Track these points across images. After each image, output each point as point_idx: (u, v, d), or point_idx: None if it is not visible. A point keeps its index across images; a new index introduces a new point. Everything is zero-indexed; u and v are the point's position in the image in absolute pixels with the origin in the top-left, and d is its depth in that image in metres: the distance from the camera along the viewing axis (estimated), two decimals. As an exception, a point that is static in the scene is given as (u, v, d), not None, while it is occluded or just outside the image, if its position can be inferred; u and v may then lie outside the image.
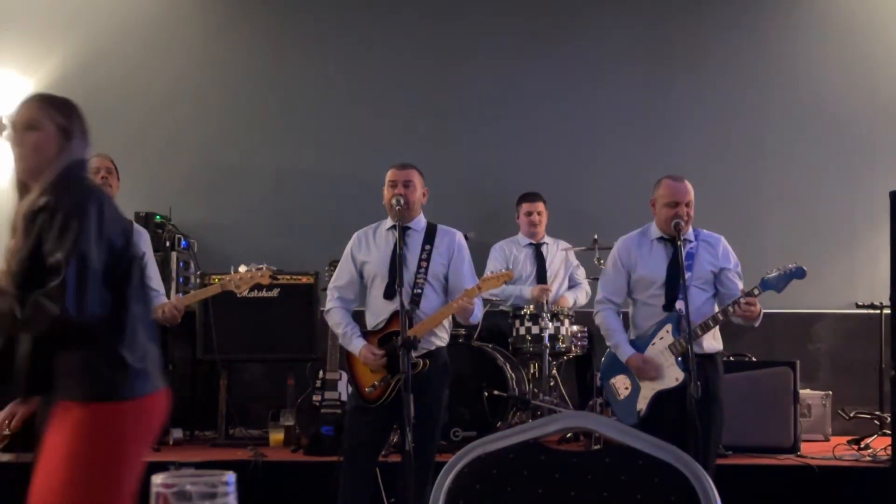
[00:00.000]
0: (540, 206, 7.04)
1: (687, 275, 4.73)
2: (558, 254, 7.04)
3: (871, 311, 7.31)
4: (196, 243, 7.54)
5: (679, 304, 4.74)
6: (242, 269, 5.21)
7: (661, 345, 4.80)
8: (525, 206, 7.04)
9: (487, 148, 8.00)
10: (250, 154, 8.08)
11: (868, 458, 6.05)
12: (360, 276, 4.92)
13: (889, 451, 5.90)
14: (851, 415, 6.83)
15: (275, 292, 6.74)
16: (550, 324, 6.39)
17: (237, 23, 8.24)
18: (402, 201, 4.78)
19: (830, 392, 6.94)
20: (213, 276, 6.76)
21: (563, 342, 6.44)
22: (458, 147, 8.02)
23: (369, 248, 4.90)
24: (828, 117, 8.01)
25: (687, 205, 4.85)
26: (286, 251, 7.65)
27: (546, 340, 6.35)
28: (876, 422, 6.77)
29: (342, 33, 8.16)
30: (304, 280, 6.87)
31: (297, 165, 8.09)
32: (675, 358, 4.74)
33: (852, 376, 7.45)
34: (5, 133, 2.98)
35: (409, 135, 8.03)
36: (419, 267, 4.80)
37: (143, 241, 5.34)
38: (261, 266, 5.22)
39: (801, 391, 6.54)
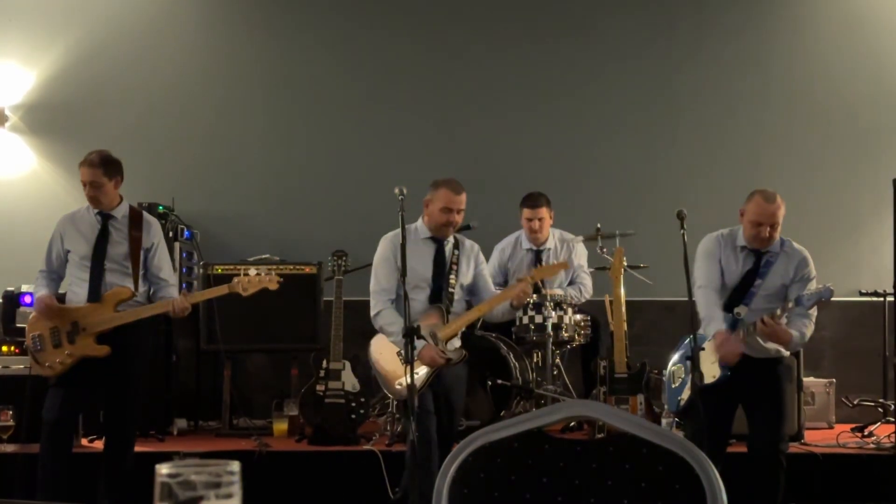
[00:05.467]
0: (542, 211, 6.81)
1: (757, 282, 4.96)
2: (562, 254, 6.94)
3: (875, 299, 7.30)
4: (199, 233, 7.54)
5: (738, 309, 4.92)
6: (252, 272, 5.30)
7: (714, 343, 4.96)
8: (526, 212, 6.85)
9: (490, 138, 7.99)
10: (253, 144, 8.08)
11: (872, 446, 6.06)
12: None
13: (893, 439, 5.92)
14: (855, 402, 6.83)
15: (278, 282, 6.74)
16: (553, 313, 6.38)
17: (240, 14, 8.22)
18: (453, 228, 5.15)
19: (834, 380, 6.95)
20: (217, 266, 6.78)
21: (566, 331, 6.43)
22: (461, 138, 8.00)
23: (412, 252, 4.99)
24: (832, 105, 7.99)
25: (772, 226, 4.94)
26: (289, 241, 7.66)
27: (549, 329, 6.35)
28: (880, 409, 6.77)
29: (346, 26, 8.14)
30: (308, 270, 6.88)
31: (301, 156, 8.08)
32: (718, 357, 4.90)
33: (856, 364, 7.44)
34: (7, 124, 2.88)
35: (411, 124, 8.03)
36: (450, 271, 5.15)
37: (154, 230, 5.34)
38: (270, 271, 5.31)
39: (805, 379, 6.54)
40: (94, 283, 5.12)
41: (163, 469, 1.14)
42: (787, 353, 5.05)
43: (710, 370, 4.93)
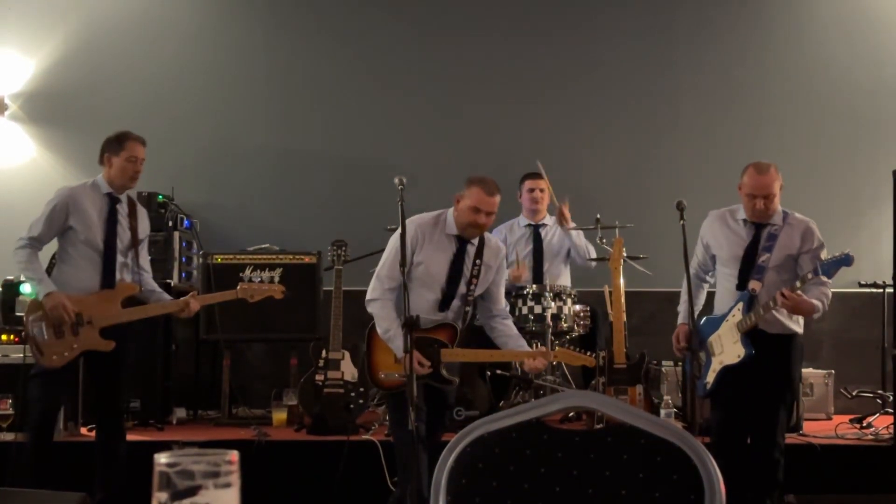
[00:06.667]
0: (542, 183, 6.96)
1: (765, 256, 4.93)
2: (557, 234, 6.99)
3: (874, 290, 7.30)
4: (198, 223, 7.54)
5: (752, 285, 4.91)
6: (257, 279, 5.33)
7: (732, 322, 4.96)
8: (528, 184, 6.98)
9: (490, 129, 7.98)
10: (253, 134, 8.07)
11: (870, 437, 6.07)
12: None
13: (891, 430, 5.93)
14: (854, 394, 6.84)
15: (277, 272, 6.74)
16: (553, 303, 6.38)
17: (240, 2, 8.20)
18: (479, 231, 4.87)
19: (833, 371, 6.95)
20: (216, 256, 6.78)
21: (565, 322, 6.43)
22: (460, 128, 8.00)
23: (431, 247, 4.86)
24: (831, 96, 7.99)
25: (766, 197, 4.91)
26: (289, 230, 7.66)
27: (548, 320, 6.35)
28: (878, 400, 6.78)
29: (345, 13, 8.13)
30: (307, 259, 6.87)
31: (300, 145, 8.07)
32: (740, 335, 4.90)
33: (855, 355, 7.45)
34: (7, 113, 2.85)
35: (411, 114, 8.03)
36: (470, 283, 4.89)
37: (147, 222, 5.32)
38: (273, 279, 5.34)
39: (804, 370, 6.54)
40: (108, 270, 4.98)
41: (161, 458, 1.14)
42: (800, 330, 5.04)
43: (734, 350, 4.93)
